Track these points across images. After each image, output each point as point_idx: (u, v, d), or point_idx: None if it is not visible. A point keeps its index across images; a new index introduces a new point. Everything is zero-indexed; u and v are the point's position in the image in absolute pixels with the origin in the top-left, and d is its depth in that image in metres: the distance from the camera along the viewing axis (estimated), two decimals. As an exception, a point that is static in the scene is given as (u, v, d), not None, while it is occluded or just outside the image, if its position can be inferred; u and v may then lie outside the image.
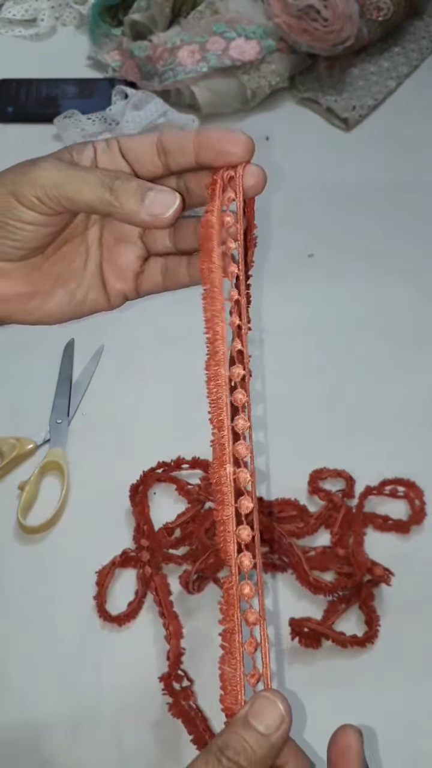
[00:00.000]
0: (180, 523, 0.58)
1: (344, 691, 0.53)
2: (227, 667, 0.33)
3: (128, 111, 0.83)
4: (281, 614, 0.56)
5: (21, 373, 0.68)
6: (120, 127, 0.81)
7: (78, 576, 0.57)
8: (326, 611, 0.55)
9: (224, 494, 0.34)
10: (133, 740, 0.51)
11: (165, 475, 0.61)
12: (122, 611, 0.55)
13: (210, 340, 0.38)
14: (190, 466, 0.61)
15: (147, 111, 0.83)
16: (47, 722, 0.52)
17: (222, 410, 0.37)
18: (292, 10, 0.85)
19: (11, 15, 0.98)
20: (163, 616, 0.54)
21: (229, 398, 0.37)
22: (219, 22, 0.87)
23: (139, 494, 0.60)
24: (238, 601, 0.33)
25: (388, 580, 0.55)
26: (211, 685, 0.45)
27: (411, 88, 0.94)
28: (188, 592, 0.55)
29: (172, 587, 0.56)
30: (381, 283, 0.76)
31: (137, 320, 0.72)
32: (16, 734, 0.52)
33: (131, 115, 0.82)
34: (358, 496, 0.60)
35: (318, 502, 0.60)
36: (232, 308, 0.39)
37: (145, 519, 0.59)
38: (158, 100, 0.84)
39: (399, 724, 0.52)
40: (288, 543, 0.55)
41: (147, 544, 0.57)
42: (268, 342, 0.71)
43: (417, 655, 0.55)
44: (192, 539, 0.57)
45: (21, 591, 0.57)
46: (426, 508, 0.60)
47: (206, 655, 0.53)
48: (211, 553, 0.55)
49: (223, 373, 0.37)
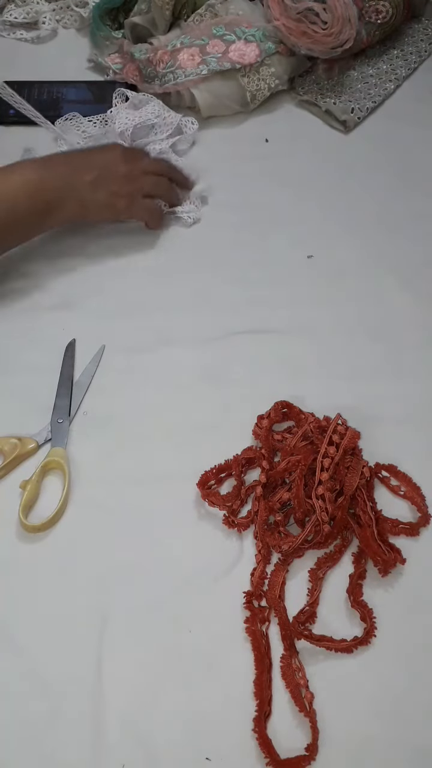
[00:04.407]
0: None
1: (345, 690, 0.53)
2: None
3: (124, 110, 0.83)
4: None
5: (22, 372, 0.68)
6: (114, 127, 0.82)
7: (79, 575, 0.57)
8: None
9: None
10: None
11: (287, 403, 0.64)
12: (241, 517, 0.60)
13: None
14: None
15: (143, 111, 0.83)
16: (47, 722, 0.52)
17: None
18: (292, 13, 0.86)
19: (13, 18, 0.99)
20: (257, 537, 0.58)
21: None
22: (219, 25, 0.88)
23: (266, 426, 0.62)
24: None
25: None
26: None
27: (409, 90, 0.95)
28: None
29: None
30: (380, 284, 0.76)
31: (137, 320, 0.73)
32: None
33: (125, 113, 0.82)
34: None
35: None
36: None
37: (269, 447, 0.61)
38: (157, 102, 0.85)
39: (399, 724, 0.52)
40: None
41: (268, 467, 0.60)
42: (268, 342, 0.71)
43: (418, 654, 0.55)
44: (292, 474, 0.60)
45: (23, 590, 0.57)
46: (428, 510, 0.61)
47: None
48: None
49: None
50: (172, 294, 0.75)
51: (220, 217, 0.81)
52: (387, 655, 0.54)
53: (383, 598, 0.57)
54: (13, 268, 0.75)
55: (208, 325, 0.72)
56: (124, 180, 0.73)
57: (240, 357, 0.70)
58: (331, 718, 0.52)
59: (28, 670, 0.54)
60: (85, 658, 0.54)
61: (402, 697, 0.53)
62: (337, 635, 0.55)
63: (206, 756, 0.50)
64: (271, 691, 0.53)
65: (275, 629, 0.55)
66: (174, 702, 0.52)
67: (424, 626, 0.56)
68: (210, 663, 0.54)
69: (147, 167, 0.76)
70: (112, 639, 0.55)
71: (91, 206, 0.72)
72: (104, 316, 0.73)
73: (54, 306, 0.73)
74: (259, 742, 0.50)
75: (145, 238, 0.79)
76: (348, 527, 0.59)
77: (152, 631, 0.55)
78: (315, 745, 0.50)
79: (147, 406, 0.67)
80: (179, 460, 0.63)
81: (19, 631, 0.55)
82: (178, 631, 0.55)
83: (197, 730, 0.51)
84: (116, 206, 0.74)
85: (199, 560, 0.58)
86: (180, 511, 0.61)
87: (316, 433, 0.62)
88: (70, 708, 0.52)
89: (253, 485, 0.61)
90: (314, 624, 0.56)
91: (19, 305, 0.73)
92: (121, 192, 0.73)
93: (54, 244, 0.78)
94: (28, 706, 0.52)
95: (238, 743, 0.51)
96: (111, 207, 0.74)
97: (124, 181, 0.73)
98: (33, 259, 0.76)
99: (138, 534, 0.60)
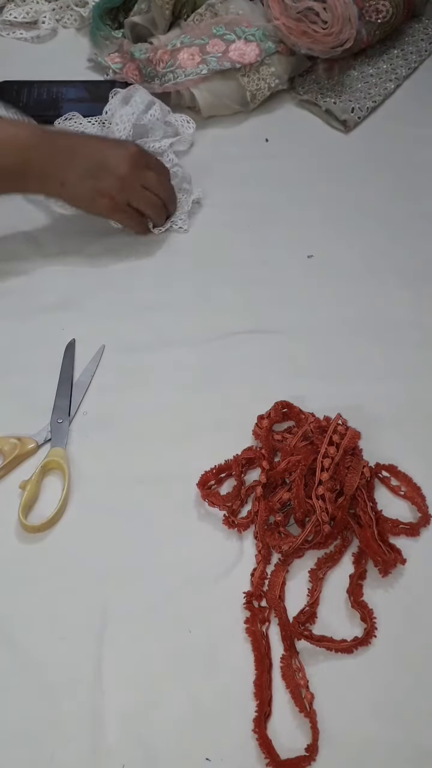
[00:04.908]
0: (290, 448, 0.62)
1: (345, 691, 0.53)
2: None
3: (117, 109, 0.83)
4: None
5: (22, 372, 0.68)
6: (110, 129, 0.80)
7: (79, 575, 0.57)
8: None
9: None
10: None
11: (287, 403, 0.64)
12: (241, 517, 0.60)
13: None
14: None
15: (133, 104, 0.81)
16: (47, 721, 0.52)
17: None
18: (292, 12, 0.86)
19: (12, 17, 0.99)
20: (257, 537, 0.59)
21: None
22: (219, 24, 0.88)
23: (266, 426, 0.62)
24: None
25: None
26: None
27: (410, 89, 0.95)
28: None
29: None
30: (380, 284, 0.76)
31: (137, 320, 0.73)
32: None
33: (119, 114, 0.81)
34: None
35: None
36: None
37: (269, 447, 0.62)
38: (143, 91, 0.83)
39: (399, 724, 0.52)
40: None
41: (268, 467, 0.60)
42: (267, 342, 0.71)
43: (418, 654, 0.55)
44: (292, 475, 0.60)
45: (23, 590, 0.57)
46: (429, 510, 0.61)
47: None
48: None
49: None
50: (172, 294, 0.75)
51: (220, 216, 0.81)
52: (387, 655, 0.54)
53: (383, 598, 0.57)
54: (12, 268, 0.75)
55: (208, 325, 0.72)
56: (118, 183, 0.71)
57: (240, 357, 0.70)
58: (331, 718, 0.52)
59: (28, 670, 0.54)
60: (85, 657, 0.54)
61: (402, 697, 0.53)
62: (337, 635, 0.55)
63: (206, 756, 0.50)
64: (271, 692, 0.53)
65: (275, 629, 0.55)
66: (174, 702, 0.52)
67: (424, 626, 0.56)
68: (210, 663, 0.54)
69: (148, 181, 0.74)
70: (112, 639, 0.55)
71: (72, 191, 0.71)
72: (104, 316, 0.73)
73: (54, 306, 0.73)
74: (259, 743, 0.50)
75: (145, 238, 0.79)
76: (348, 527, 0.59)
77: (152, 631, 0.55)
78: (315, 746, 0.50)
79: (147, 406, 0.67)
80: (179, 460, 0.63)
81: (19, 631, 0.55)
82: (178, 631, 0.55)
83: (197, 730, 0.51)
84: (97, 203, 0.73)
85: (199, 560, 0.58)
86: (180, 511, 0.61)
87: (316, 433, 0.62)
88: (70, 708, 0.52)
89: (253, 485, 0.61)
90: (314, 624, 0.56)
91: (19, 305, 0.73)
92: (109, 192, 0.72)
93: (54, 244, 0.78)
94: (28, 706, 0.52)
95: (238, 743, 0.51)
96: (91, 201, 0.73)
97: (117, 184, 0.72)
98: (33, 259, 0.76)
99: (138, 534, 0.60)
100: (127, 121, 0.80)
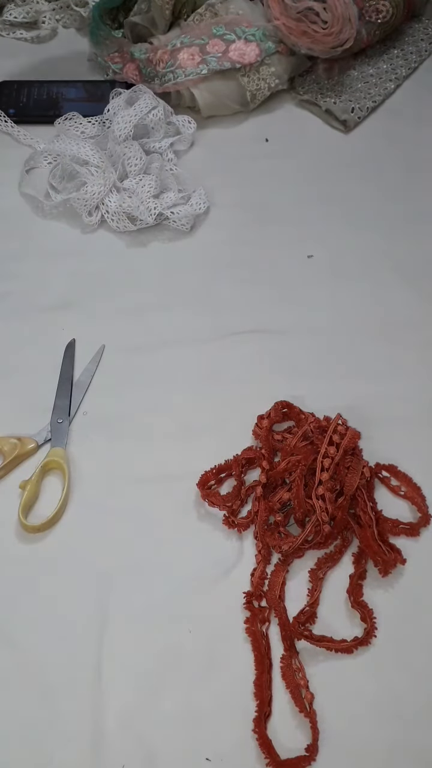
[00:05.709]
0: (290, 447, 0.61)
1: (345, 690, 0.53)
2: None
3: (120, 110, 0.83)
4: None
5: (22, 372, 0.68)
6: (111, 129, 0.81)
7: (79, 575, 0.57)
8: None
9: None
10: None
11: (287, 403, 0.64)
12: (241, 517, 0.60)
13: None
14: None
15: (137, 107, 0.82)
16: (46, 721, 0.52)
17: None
18: (292, 12, 0.86)
19: (12, 17, 0.98)
20: (257, 537, 0.59)
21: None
22: (219, 24, 0.88)
23: (266, 426, 0.62)
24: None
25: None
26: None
27: (410, 89, 0.95)
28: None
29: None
30: (380, 284, 0.76)
31: (137, 320, 0.73)
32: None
33: (122, 114, 0.81)
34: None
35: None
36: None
37: (269, 447, 0.62)
38: (150, 94, 0.84)
39: (399, 724, 0.52)
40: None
41: (268, 467, 0.60)
42: (268, 342, 0.71)
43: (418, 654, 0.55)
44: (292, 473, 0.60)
45: (23, 590, 0.57)
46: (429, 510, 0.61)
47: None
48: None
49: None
50: (172, 294, 0.75)
51: (220, 216, 0.81)
52: (387, 655, 0.54)
53: (383, 598, 0.57)
54: (12, 268, 0.76)
55: (208, 325, 0.72)
56: None
57: (240, 357, 0.70)
58: (331, 718, 0.52)
59: (28, 670, 0.54)
60: (85, 657, 0.54)
61: (402, 697, 0.53)
62: (337, 635, 0.55)
63: (206, 756, 0.50)
64: (271, 692, 0.53)
65: (275, 629, 0.55)
66: (174, 702, 0.52)
67: (424, 626, 0.56)
68: (210, 663, 0.54)
69: None
70: (112, 639, 0.55)
71: None
72: (104, 316, 0.73)
73: (54, 306, 0.73)
74: (259, 743, 0.50)
75: (145, 237, 0.79)
76: (348, 527, 0.59)
77: (152, 631, 0.55)
78: (315, 746, 0.50)
79: (147, 406, 0.67)
80: (179, 460, 0.63)
81: (19, 631, 0.55)
82: (178, 631, 0.55)
83: (197, 730, 0.51)
84: None
85: (199, 560, 0.58)
86: (180, 511, 0.61)
87: (316, 433, 0.62)
88: (70, 708, 0.52)
89: (253, 485, 0.61)
90: (314, 624, 0.56)
91: (18, 305, 0.73)
92: None
93: (53, 244, 0.78)
94: (28, 706, 0.52)
95: (238, 743, 0.51)
96: None
97: None
98: (32, 259, 0.76)
99: (138, 534, 0.60)
100: (128, 122, 0.80)
